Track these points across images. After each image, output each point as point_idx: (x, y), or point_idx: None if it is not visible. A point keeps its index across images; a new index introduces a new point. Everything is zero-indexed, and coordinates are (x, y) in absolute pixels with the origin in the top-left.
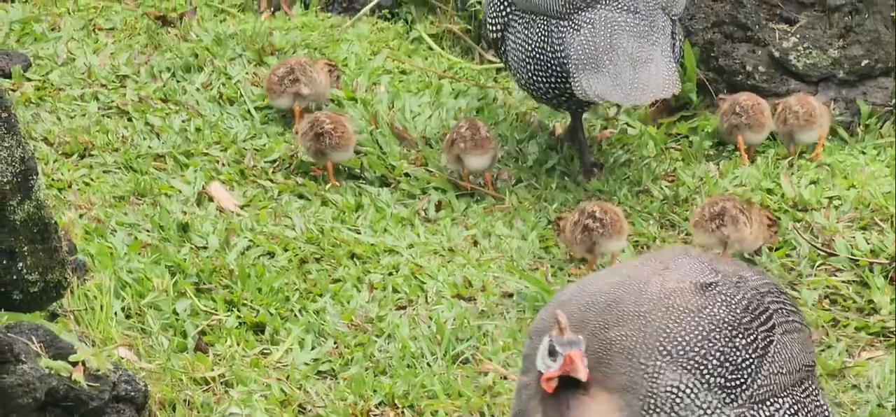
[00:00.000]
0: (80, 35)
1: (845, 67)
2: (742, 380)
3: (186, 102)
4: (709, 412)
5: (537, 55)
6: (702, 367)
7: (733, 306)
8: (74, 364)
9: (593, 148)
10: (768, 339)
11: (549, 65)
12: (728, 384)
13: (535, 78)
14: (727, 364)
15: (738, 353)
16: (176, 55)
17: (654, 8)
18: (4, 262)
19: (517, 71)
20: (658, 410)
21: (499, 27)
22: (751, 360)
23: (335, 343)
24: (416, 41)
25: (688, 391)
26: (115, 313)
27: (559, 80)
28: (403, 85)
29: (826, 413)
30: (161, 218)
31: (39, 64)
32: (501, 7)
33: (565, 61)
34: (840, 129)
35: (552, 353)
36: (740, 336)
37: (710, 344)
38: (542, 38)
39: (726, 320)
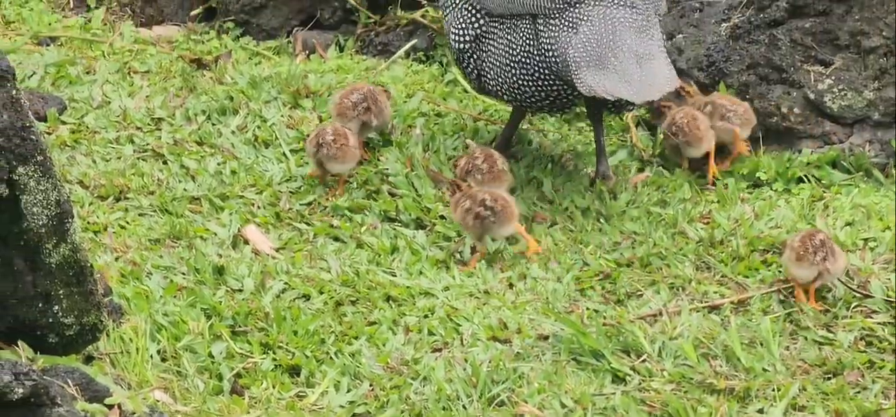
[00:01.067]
0: (115, 78)
1: (880, 109)
2: None
3: (222, 145)
4: None
5: (523, 58)
6: None
7: None
8: (110, 407)
9: (629, 189)
10: None
11: (538, 66)
12: None
13: (520, 82)
14: None
15: None
16: (211, 98)
17: (649, 5)
18: (40, 305)
19: (496, 78)
20: None
21: (468, 37)
22: None
23: (371, 385)
24: (452, 84)
25: None
26: (151, 356)
27: (548, 82)
28: (438, 127)
29: None
30: (196, 261)
31: (75, 107)
32: (471, 17)
33: (560, 60)
34: (875, 171)
35: None
36: None
37: None
38: (529, 40)
39: None
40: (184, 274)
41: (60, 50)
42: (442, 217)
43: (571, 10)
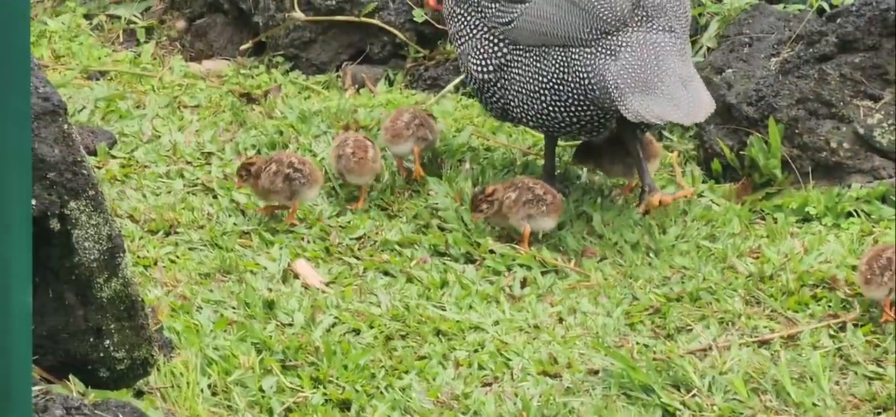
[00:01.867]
0: (165, 112)
1: None
2: None
3: None
4: None
5: (554, 86)
6: None
7: None
8: None
9: (679, 223)
10: None
11: (571, 93)
12: None
13: (550, 109)
14: None
15: None
16: (261, 132)
17: (685, 29)
18: (91, 340)
19: (522, 105)
20: None
21: (491, 67)
22: None
23: None
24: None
25: None
26: (202, 390)
27: (580, 108)
28: (488, 161)
29: None
30: (247, 296)
31: (125, 141)
32: (492, 47)
33: (598, 88)
34: None
35: None
36: None
37: None
38: (560, 67)
39: None
40: (234, 308)
41: (110, 84)
42: (491, 251)
43: (608, 38)
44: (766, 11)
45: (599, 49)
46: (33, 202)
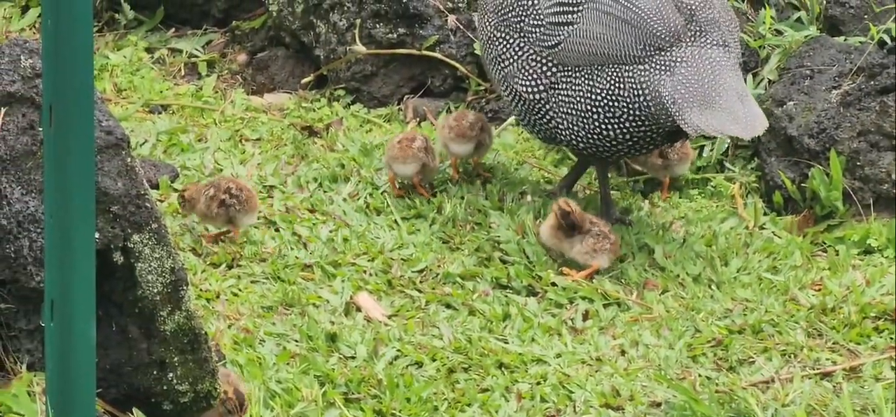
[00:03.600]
0: (226, 145)
1: None
2: None
3: (333, 212)
4: None
5: (607, 104)
6: None
7: None
8: None
9: (741, 255)
10: None
11: (625, 111)
12: None
13: (601, 127)
14: None
15: None
16: (323, 165)
17: (738, 44)
18: (155, 373)
19: (571, 126)
20: None
21: (541, 87)
22: None
23: None
24: (562, 151)
25: None
26: None
27: (634, 125)
28: (549, 194)
29: None
30: (309, 329)
31: (187, 174)
32: (540, 67)
33: (654, 103)
34: None
35: None
36: None
37: None
38: (612, 86)
39: None
40: (296, 341)
41: (172, 118)
42: (553, 284)
43: (661, 54)
44: (826, 44)
45: (653, 65)
46: (97, 235)
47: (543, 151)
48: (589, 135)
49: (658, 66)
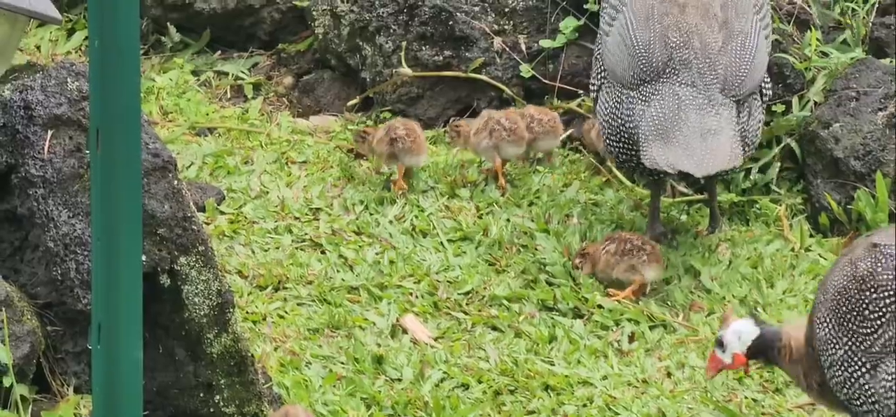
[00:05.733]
0: (272, 168)
1: None
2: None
3: (379, 235)
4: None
5: (611, 120)
6: None
7: None
8: None
9: (787, 277)
10: None
11: (619, 132)
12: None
13: (609, 142)
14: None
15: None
16: (369, 188)
17: (711, 84)
18: (202, 395)
19: (602, 131)
20: None
21: (596, 86)
22: None
23: None
24: (608, 172)
25: None
26: None
27: (627, 148)
28: (596, 217)
29: None
30: (356, 351)
31: (233, 197)
32: (599, 68)
33: (634, 131)
34: None
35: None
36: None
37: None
38: (616, 104)
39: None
40: (343, 363)
41: (218, 140)
42: (599, 306)
43: (645, 85)
44: (872, 66)
45: (639, 94)
46: (144, 258)
47: (589, 173)
48: (608, 147)
49: (641, 96)
